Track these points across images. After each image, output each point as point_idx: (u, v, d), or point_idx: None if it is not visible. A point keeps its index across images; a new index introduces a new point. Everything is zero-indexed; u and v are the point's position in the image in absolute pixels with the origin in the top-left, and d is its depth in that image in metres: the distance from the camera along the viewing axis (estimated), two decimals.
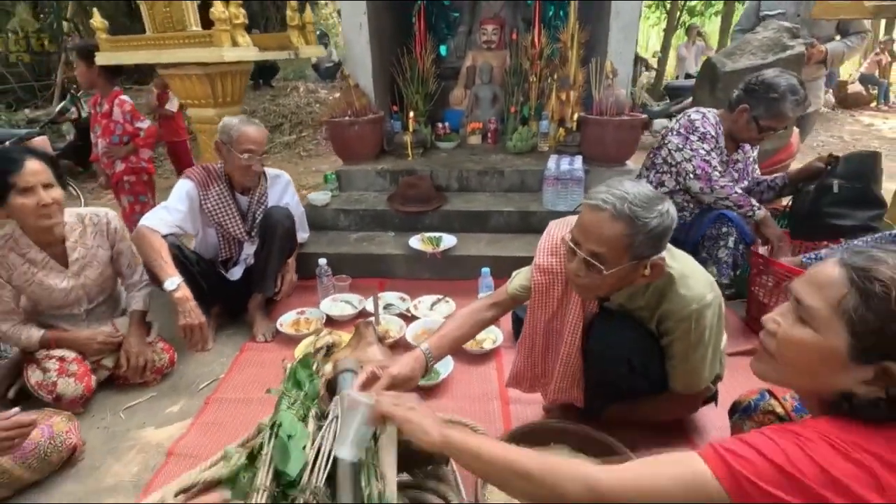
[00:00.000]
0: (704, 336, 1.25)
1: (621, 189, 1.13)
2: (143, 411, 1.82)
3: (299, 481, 1.05)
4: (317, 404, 1.32)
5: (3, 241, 1.69)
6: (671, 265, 1.24)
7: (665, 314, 1.26)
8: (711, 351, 1.30)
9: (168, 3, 2.42)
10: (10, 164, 1.58)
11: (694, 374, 1.31)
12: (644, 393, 1.39)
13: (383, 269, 2.58)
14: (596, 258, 1.14)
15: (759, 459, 0.71)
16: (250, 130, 2.05)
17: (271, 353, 2.12)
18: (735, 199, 2.00)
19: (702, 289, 1.24)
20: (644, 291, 1.28)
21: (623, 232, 1.11)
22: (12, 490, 1.44)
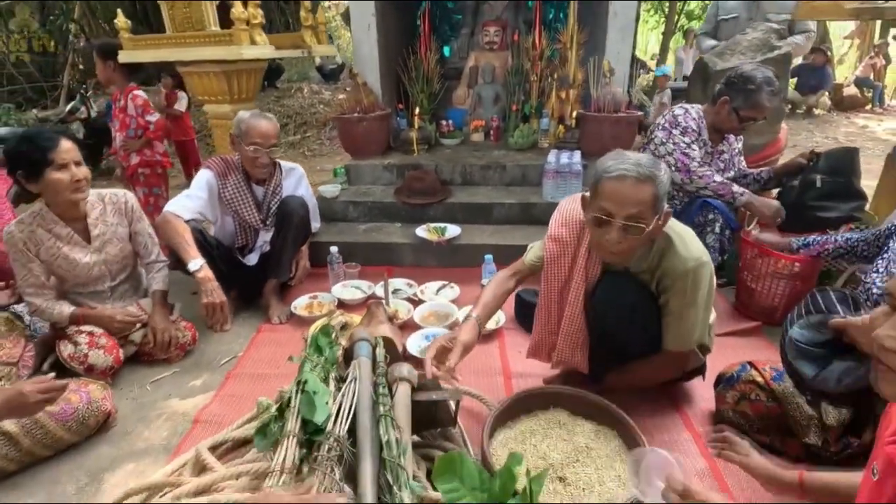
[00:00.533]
0: (698, 294, 1.39)
1: (630, 159, 1.31)
2: (168, 385, 1.94)
3: (324, 430, 1.17)
4: (335, 369, 1.44)
5: (31, 218, 1.81)
6: (671, 229, 1.40)
7: (665, 271, 1.40)
8: (703, 312, 1.44)
9: (188, 4, 2.54)
10: (48, 142, 1.71)
11: (686, 332, 1.44)
12: (639, 355, 1.51)
13: (391, 258, 2.70)
14: (634, 220, 1.29)
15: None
16: (259, 124, 2.18)
17: (286, 333, 2.24)
18: (714, 187, 2.14)
19: (698, 250, 1.39)
20: (647, 254, 1.42)
21: (650, 192, 1.28)
22: (54, 450, 1.56)
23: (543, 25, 3.68)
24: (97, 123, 5.88)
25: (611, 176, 1.30)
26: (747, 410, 1.53)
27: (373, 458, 1.12)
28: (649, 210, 1.29)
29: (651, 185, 1.28)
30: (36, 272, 1.84)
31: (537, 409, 1.51)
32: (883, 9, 1.97)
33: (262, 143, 2.16)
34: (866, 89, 9.05)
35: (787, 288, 2.10)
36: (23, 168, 1.73)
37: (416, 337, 2.07)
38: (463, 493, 1.05)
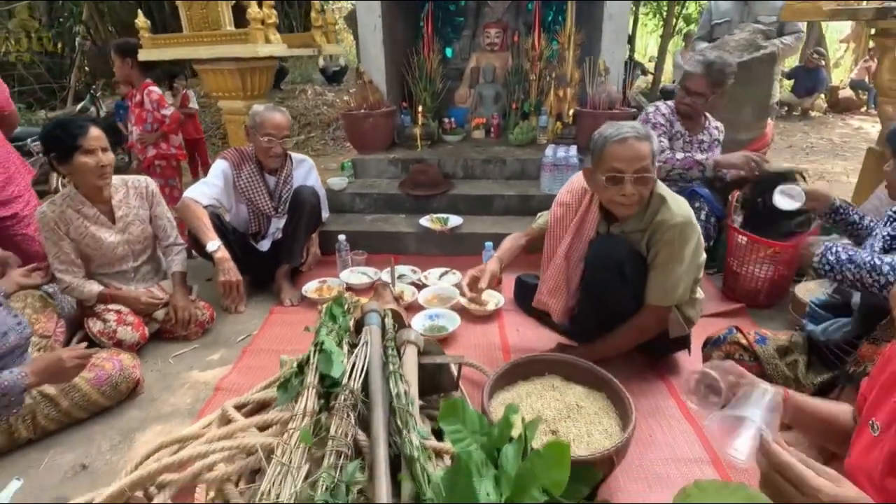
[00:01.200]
0: (685, 249, 1.57)
1: (625, 125, 1.56)
2: (189, 358, 2.08)
3: (340, 383, 1.31)
4: (348, 336, 1.58)
5: (61, 199, 1.95)
6: (665, 192, 1.62)
7: (656, 226, 1.58)
8: (687, 271, 1.60)
9: (205, 4, 2.69)
10: (79, 129, 1.86)
11: (670, 286, 1.61)
12: (624, 313, 1.66)
13: (396, 246, 2.84)
14: (643, 172, 1.53)
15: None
16: (273, 116, 2.33)
17: (298, 314, 2.38)
18: (680, 164, 2.33)
19: (687, 210, 1.60)
20: (642, 214, 1.62)
21: (649, 147, 1.54)
22: (89, 412, 1.69)
23: (542, 27, 3.82)
24: (106, 122, 6.05)
25: (615, 140, 1.53)
26: None
27: (384, 407, 1.26)
28: (651, 162, 1.54)
29: (648, 141, 1.55)
30: (66, 250, 1.98)
31: (533, 376, 1.64)
32: (856, 10, 2.11)
33: (275, 134, 2.30)
34: (861, 92, 9.19)
35: (770, 272, 2.23)
36: (55, 151, 1.87)
37: (420, 317, 2.20)
38: (465, 434, 1.18)
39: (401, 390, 1.29)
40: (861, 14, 2.12)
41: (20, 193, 2.21)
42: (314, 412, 1.24)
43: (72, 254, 1.99)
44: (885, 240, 1.50)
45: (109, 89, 8.18)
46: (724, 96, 2.41)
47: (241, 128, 3.04)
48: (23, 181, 2.19)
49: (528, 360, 1.65)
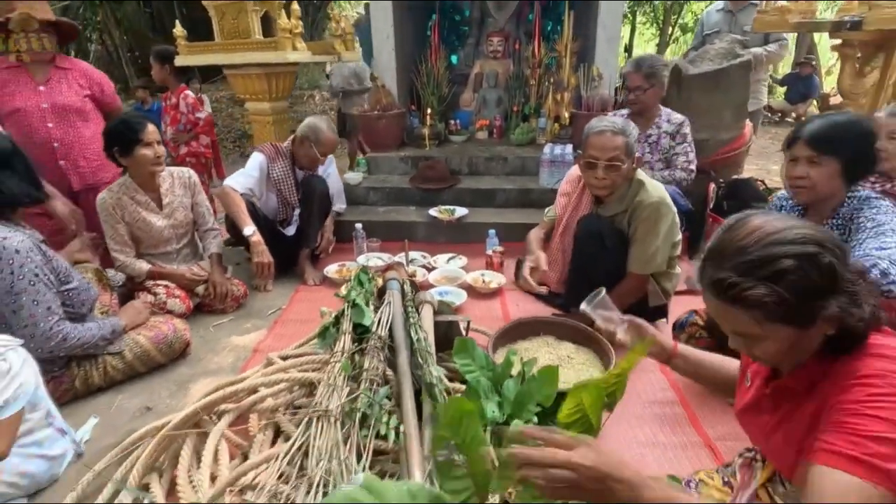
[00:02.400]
0: (659, 227, 1.86)
1: (607, 119, 1.87)
2: (227, 328, 2.35)
3: (370, 330, 1.58)
4: (372, 299, 1.85)
5: (118, 187, 2.23)
6: (645, 178, 1.92)
7: (636, 206, 1.88)
8: (662, 245, 1.90)
9: (236, 15, 2.99)
10: (139, 125, 2.14)
11: (648, 256, 1.90)
12: (608, 280, 1.94)
13: (407, 234, 3.10)
14: (613, 161, 1.82)
15: (879, 443, 0.73)
16: (331, 137, 2.68)
17: (321, 293, 2.65)
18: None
19: (662, 194, 1.89)
20: (624, 196, 1.92)
21: (623, 140, 1.82)
22: (148, 367, 1.97)
23: (542, 36, 4.11)
24: None
25: (594, 131, 1.83)
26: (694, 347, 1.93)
27: (407, 350, 1.53)
28: (623, 153, 1.82)
29: (623, 136, 1.82)
30: (121, 232, 2.25)
31: (530, 335, 1.91)
32: (817, 23, 2.38)
33: (327, 152, 2.65)
34: None
35: None
36: (118, 145, 2.15)
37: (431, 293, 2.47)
38: (474, 367, 1.44)
39: (421, 336, 1.56)
40: (820, 27, 2.40)
41: (111, 179, 2.47)
42: (349, 351, 1.51)
43: (125, 236, 2.27)
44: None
45: (124, 94, 8.49)
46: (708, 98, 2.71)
47: (265, 126, 3.35)
48: (113, 168, 2.45)
49: (527, 321, 1.93)
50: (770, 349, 0.84)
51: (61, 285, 1.73)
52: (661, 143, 2.73)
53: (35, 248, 1.63)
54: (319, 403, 1.28)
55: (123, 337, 1.88)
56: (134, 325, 1.91)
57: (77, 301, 1.80)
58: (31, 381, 1.36)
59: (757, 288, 0.78)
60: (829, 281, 0.78)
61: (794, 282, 0.77)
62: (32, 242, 1.63)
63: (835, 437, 0.77)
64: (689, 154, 2.69)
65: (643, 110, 2.67)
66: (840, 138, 1.47)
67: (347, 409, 1.29)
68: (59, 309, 1.68)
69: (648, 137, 2.72)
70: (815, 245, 0.78)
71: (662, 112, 2.70)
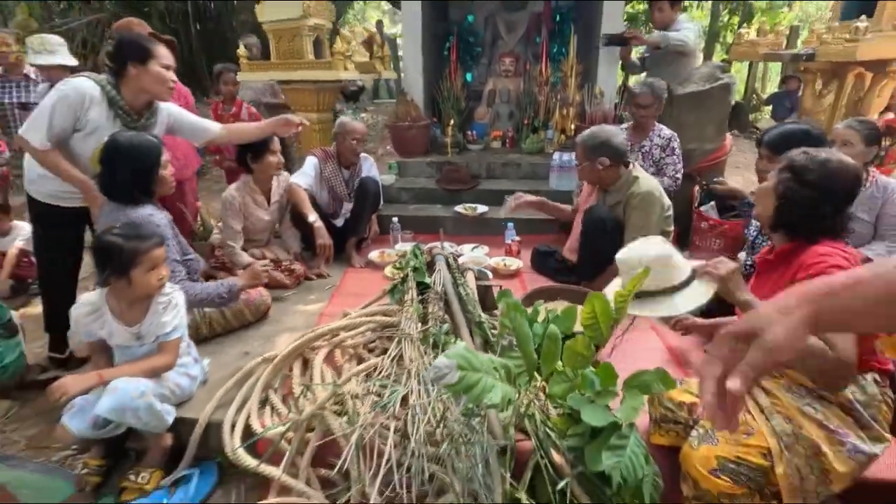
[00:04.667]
0: (650, 212, 2.36)
1: (593, 129, 2.44)
2: (292, 300, 2.82)
3: (429, 287, 2.07)
4: (424, 268, 2.33)
5: (242, 185, 2.73)
6: (641, 175, 2.44)
7: (630, 195, 2.39)
8: (653, 227, 2.40)
9: (291, 38, 3.51)
10: (269, 138, 2.65)
11: (639, 237, 2.37)
12: (609, 256, 2.43)
13: (435, 228, 3.58)
14: (579, 160, 2.46)
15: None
16: (357, 126, 3.14)
17: (366, 274, 3.13)
18: None
19: (652, 186, 2.39)
20: (623, 188, 2.43)
21: (581, 147, 2.41)
22: (240, 323, 2.44)
23: (549, 57, 4.65)
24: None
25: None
26: None
27: (457, 300, 2.01)
28: (581, 159, 2.45)
29: (582, 146, 2.49)
30: (237, 227, 2.74)
31: (547, 300, 2.40)
32: (779, 54, 2.90)
33: (359, 138, 3.11)
34: None
35: (719, 246, 3.00)
36: (251, 153, 2.66)
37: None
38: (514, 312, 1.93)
39: (468, 291, 2.06)
40: (783, 58, 2.92)
41: (190, 176, 2.92)
42: (415, 300, 1.99)
43: (240, 228, 2.76)
44: None
45: None
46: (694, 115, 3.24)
47: (311, 134, 3.86)
48: (193, 167, 2.91)
49: (545, 289, 2.42)
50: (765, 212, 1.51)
51: (183, 256, 2.22)
52: (653, 153, 3.24)
53: (168, 225, 2.11)
54: (403, 330, 1.77)
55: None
56: (252, 286, 2.39)
57: (192, 269, 2.29)
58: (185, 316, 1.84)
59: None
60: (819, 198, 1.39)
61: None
62: (167, 220, 2.12)
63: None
64: (677, 165, 3.21)
65: (646, 126, 3.19)
66: (788, 143, 1.99)
67: (422, 336, 1.77)
68: (181, 271, 2.16)
69: (642, 148, 3.23)
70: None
71: (655, 127, 3.22)
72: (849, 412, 1.34)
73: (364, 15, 16.68)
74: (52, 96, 2.06)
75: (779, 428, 1.34)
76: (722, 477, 1.31)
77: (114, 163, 1.93)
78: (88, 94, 2.07)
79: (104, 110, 2.12)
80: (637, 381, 1.40)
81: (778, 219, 1.48)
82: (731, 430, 0.94)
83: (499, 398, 1.23)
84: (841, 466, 1.30)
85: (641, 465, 1.30)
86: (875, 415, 1.34)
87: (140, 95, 2.18)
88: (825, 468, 1.31)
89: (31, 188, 2.23)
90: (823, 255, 1.33)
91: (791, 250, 1.44)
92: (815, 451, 1.31)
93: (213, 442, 1.82)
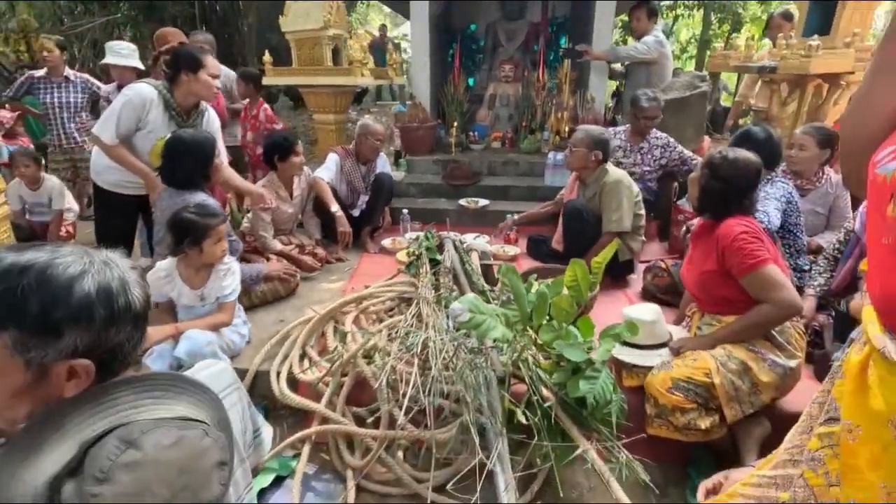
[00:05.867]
0: (619, 196, 2.76)
1: (596, 128, 2.80)
2: (316, 280, 3.19)
3: (440, 263, 2.45)
4: (435, 248, 2.71)
5: (268, 182, 3.11)
6: (609, 167, 2.82)
7: (601, 186, 2.78)
8: (625, 212, 2.79)
9: (312, 47, 3.89)
10: (292, 138, 3.04)
11: (614, 220, 2.80)
12: (590, 240, 2.82)
13: (440, 219, 3.96)
14: (573, 146, 2.78)
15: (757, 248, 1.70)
16: (377, 127, 3.52)
17: (380, 258, 3.51)
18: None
19: (619, 176, 2.79)
20: (598, 183, 2.81)
21: (582, 137, 2.74)
22: (274, 297, 2.81)
23: (545, 64, 5.04)
24: None
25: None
26: (657, 283, 2.81)
27: (464, 274, 2.39)
28: (581, 145, 2.78)
29: (587, 135, 2.74)
30: (267, 217, 3.11)
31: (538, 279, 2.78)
32: (747, 66, 3.29)
33: (379, 138, 3.50)
34: None
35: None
36: (279, 153, 3.04)
37: None
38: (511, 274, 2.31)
39: (473, 266, 2.44)
40: (750, 69, 3.30)
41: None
42: (429, 273, 2.37)
43: (269, 219, 3.13)
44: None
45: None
46: (675, 119, 3.63)
47: (328, 134, 4.23)
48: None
49: (536, 269, 2.79)
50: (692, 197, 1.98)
51: (229, 236, 2.59)
52: (653, 152, 3.64)
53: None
54: (420, 293, 2.15)
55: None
56: (273, 275, 2.78)
57: (233, 249, 2.66)
58: (240, 282, 2.22)
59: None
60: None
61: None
62: (218, 204, 2.49)
63: (739, 258, 1.70)
64: (685, 152, 3.62)
65: (646, 131, 3.58)
66: (743, 142, 2.40)
67: (436, 299, 2.15)
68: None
69: (641, 149, 3.62)
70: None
71: (651, 131, 3.63)
72: (767, 338, 1.75)
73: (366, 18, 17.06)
74: (120, 100, 2.44)
75: (715, 353, 1.75)
76: (675, 394, 1.70)
77: (178, 154, 2.30)
78: (149, 98, 2.45)
79: (161, 112, 2.50)
80: (610, 332, 1.78)
81: (701, 203, 1.91)
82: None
83: (499, 335, 1.61)
84: (765, 377, 1.71)
85: (610, 392, 1.68)
86: (788, 339, 1.77)
87: (189, 98, 2.55)
88: (754, 381, 1.72)
89: (99, 178, 2.60)
90: (732, 224, 1.76)
91: (711, 225, 1.87)
92: (744, 368, 1.73)
93: (259, 389, 2.19)
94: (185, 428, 0.72)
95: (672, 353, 1.92)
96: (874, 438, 0.78)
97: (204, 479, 0.71)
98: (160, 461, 0.67)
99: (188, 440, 0.71)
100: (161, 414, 0.74)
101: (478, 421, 1.61)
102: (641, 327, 1.91)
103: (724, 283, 1.82)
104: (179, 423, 0.73)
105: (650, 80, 4.21)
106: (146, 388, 0.77)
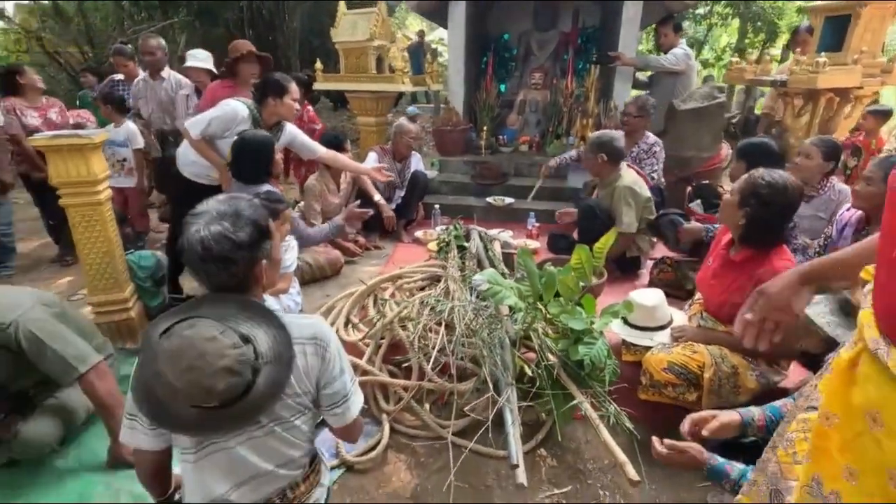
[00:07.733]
0: (630, 201, 3.03)
1: (597, 133, 3.05)
2: (359, 263, 3.60)
3: (466, 249, 2.80)
4: (463, 237, 3.07)
5: (319, 176, 3.53)
6: (623, 169, 3.08)
7: (615, 188, 3.05)
8: (635, 214, 3.06)
9: (358, 55, 4.31)
10: (344, 138, 3.46)
11: (625, 222, 3.06)
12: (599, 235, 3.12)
13: (469, 214, 4.32)
14: (587, 152, 3.03)
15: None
16: (413, 127, 3.91)
17: (413, 248, 3.89)
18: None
19: (632, 181, 3.05)
20: (612, 184, 3.09)
21: (592, 142, 2.98)
22: (321, 276, 3.23)
23: (574, 73, 5.33)
24: None
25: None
26: (663, 278, 3.09)
27: (487, 260, 2.74)
28: (588, 151, 3.06)
29: (589, 142, 3.04)
30: (317, 206, 3.54)
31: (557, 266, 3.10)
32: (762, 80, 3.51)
33: (414, 137, 3.89)
34: None
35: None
36: (334, 148, 3.45)
37: None
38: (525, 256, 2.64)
39: (495, 253, 2.79)
40: (764, 83, 3.53)
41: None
42: (456, 257, 2.74)
43: (319, 208, 3.55)
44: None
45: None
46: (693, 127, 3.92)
47: (370, 135, 4.65)
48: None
49: (554, 258, 3.12)
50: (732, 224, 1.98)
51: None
52: (640, 157, 3.91)
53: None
54: (449, 272, 2.51)
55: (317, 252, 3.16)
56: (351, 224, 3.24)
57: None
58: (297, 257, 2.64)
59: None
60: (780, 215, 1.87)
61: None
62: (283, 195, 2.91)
63: None
64: (654, 167, 3.79)
65: (631, 132, 3.84)
66: (746, 150, 2.69)
67: (461, 278, 2.51)
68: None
69: (631, 153, 3.89)
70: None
71: (644, 135, 3.88)
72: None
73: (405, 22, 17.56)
74: (216, 111, 2.87)
75: (713, 351, 1.99)
76: (669, 374, 1.98)
77: (243, 153, 2.72)
78: (241, 115, 2.88)
79: (249, 126, 2.93)
80: (611, 310, 2.10)
81: (748, 234, 1.92)
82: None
83: (513, 303, 1.96)
84: (750, 384, 1.94)
85: (605, 356, 2.00)
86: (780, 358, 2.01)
87: (273, 118, 2.99)
88: (738, 384, 1.95)
89: (184, 169, 3.06)
90: (779, 268, 1.80)
91: (752, 256, 1.93)
92: (734, 371, 1.95)
93: None
94: (227, 337, 1.03)
95: (672, 338, 2.14)
96: (849, 427, 0.84)
97: (210, 369, 0.99)
98: (194, 341, 1.00)
99: (218, 341, 1.01)
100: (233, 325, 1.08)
101: (493, 374, 1.96)
102: (644, 310, 2.20)
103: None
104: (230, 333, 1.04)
105: (676, 90, 4.46)
106: (255, 309, 1.16)
